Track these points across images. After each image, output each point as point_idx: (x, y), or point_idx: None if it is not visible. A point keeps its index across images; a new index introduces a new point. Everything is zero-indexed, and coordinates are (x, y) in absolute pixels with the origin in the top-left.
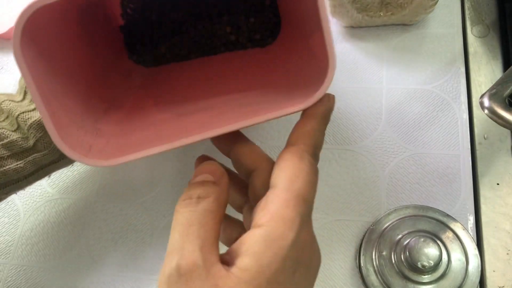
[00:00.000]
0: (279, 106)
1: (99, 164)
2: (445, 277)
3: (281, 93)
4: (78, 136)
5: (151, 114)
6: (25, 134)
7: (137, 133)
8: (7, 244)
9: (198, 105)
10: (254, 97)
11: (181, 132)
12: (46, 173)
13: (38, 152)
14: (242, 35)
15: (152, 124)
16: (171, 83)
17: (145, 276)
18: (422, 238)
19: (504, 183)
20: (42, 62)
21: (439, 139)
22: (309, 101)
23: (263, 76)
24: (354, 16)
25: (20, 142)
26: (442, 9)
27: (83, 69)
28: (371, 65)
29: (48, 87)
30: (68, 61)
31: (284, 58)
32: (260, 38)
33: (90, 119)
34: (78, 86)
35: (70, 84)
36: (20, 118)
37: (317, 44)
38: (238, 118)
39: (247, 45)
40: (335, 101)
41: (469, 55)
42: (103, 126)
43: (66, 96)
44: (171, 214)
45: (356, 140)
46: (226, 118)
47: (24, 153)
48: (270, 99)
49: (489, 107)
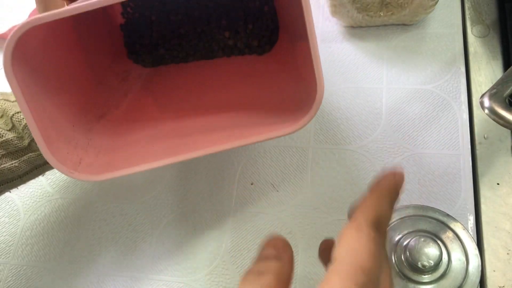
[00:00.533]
0: (268, 129)
1: (87, 179)
2: (445, 277)
3: (271, 114)
4: (68, 150)
5: (145, 123)
6: (20, 133)
7: (129, 147)
8: (7, 244)
9: (191, 120)
10: (245, 117)
11: (171, 150)
12: (41, 172)
13: (33, 152)
14: (240, 40)
15: (143, 138)
16: (167, 86)
17: (145, 276)
18: (422, 238)
19: (504, 183)
20: (33, 79)
21: (439, 139)
22: (296, 126)
23: (256, 90)
24: (354, 16)
25: (15, 142)
26: (442, 9)
27: (76, 77)
28: (371, 65)
29: (39, 104)
30: (61, 72)
31: (277, 71)
32: (257, 45)
33: (83, 128)
34: (70, 97)
35: (61, 96)
36: (14, 118)
37: (307, 66)
38: (228, 138)
39: (244, 51)
40: (402, 176)
41: (469, 55)
42: (95, 135)
43: (57, 109)
44: (171, 214)
45: (356, 140)
46: (216, 138)
47: (19, 152)
48: (260, 120)
49: (489, 107)
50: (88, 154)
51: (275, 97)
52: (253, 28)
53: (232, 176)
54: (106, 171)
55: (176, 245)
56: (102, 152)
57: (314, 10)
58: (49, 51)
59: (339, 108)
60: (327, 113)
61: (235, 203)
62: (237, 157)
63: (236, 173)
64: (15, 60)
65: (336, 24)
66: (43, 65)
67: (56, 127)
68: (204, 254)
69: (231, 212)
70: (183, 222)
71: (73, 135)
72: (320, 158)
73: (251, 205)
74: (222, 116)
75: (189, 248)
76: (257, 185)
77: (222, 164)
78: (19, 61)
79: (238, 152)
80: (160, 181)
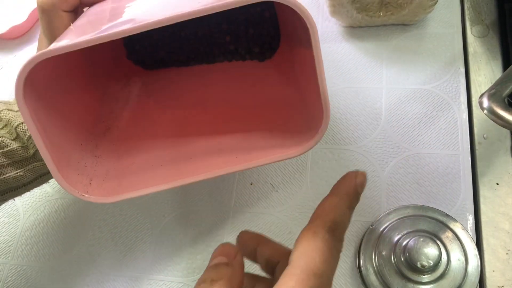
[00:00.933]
0: (269, 153)
1: (98, 201)
2: (445, 277)
3: (275, 135)
4: (78, 171)
5: (150, 140)
6: (25, 143)
7: (136, 167)
8: (7, 244)
9: (194, 138)
10: (248, 138)
11: (177, 171)
12: (45, 180)
13: (38, 161)
14: (241, 45)
15: (150, 159)
16: (168, 91)
17: (144, 276)
18: (422, 238)
19: (503, 183)
20: (41, 106)
21: (438, 139)
22: (302, 149)
23: (259, 104)
24: (354, 16)
25: (20, 152)
26: (442, 9)
27: (83, 93)
28: (370, 65)
29: (48, 129)
30: (68, 93)
31: (280, 83)
32: (259, 51)
33: (90, 145)
34: (78, 117)
35: (68, 118)
36: (19, 129)
37: (311, 84)
38: (232, 162)
39: (245, 56)
40: (363, 178)
41: (469, 55)
42: (103, 152)
43: (66, 131)
44: (171, 214)
45: (356, 140)
46: (221, 161)
47: (24, 161)
48: (264, 142)
49: (488, 107)
50: (97, 175)
51: (279, 116)
52: (254, 33)
53: (232, 176)
54: (116, 192)
55: (176, 245)
56: (111, 173)
57: (314, 10)
58: (57, 75)
59: (339, 108)
60: None
61: (234, 203)
62: None
63: (236, 173)
64: (26, 91)
65: (336, 24)
66: (52, 91)
67: (66, 150)
68: (204, 254)
69: (230, 212)
70: (183, 222)
71: (81, 155)
72: (320, 158)
73: (250, 205)
74: (226, 136)
75: (189, 248)
76: (256, 185)
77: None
78: (29, 93)
79: None
80: None
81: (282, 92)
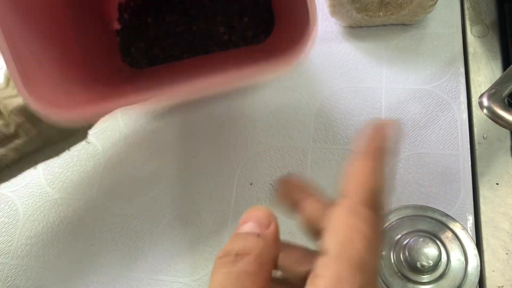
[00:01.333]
0: (266, 66)
1: (62, 117)
2: (444, 277)
3: (266, 55)
4: (48, 91)
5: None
6: (7, 120)
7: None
8: (7, 244)
9: (184, 70)
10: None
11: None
12: (31, 162)
13: (19, 139)
14: (235, 34)
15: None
16: (161, 78)
17: (145, 276)
18: (422, 238)
19: (503, 182)
20: (18, 17)
21: (438, 139)
22: (294, 59)
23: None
24: (354, 16)
25: (2, 129)
26: (442, 9)
27: (72, 53)
28: (370, 65)
29: (22, 43)
30: (56, 37)
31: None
32: (252, 35)
33: (66, 86)
34: (63, 61)
35: (57, 54)
36: (1, 105)
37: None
38: (226, 79)
39: (239, 43)
40: (396, 125)
41: (469, 55)
42: (79, 95)
43: (44, 54)
44: (171, 214)
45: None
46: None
47: (5, 140)
48: (255, 61)
49: (488, 107)
50: (68, 99)
51: (270, 46)
52: (248, 21)
53: (232, 176)
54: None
55: (176, 245)
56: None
57: None
58: (44, 11)
59: (339, 108)
60: (327, 113)
61: (234, 203)
62: (236, 157)
63: (236, 173)
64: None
65: (336, 24)
66: (35, 14)
67: (40, 67)
68: (204, 254)
69: (230, 212)
70: (183, 222)
71: (55, 83)
72: (320, 158)
73: (250, 205)
74: (215, 66)
75: (189, 248)
76: (256, 185)
77: (222, 164)
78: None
79: (237, 152)
80: (160, 181)
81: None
